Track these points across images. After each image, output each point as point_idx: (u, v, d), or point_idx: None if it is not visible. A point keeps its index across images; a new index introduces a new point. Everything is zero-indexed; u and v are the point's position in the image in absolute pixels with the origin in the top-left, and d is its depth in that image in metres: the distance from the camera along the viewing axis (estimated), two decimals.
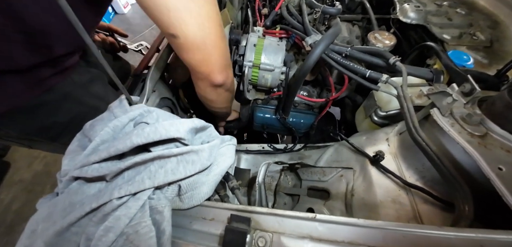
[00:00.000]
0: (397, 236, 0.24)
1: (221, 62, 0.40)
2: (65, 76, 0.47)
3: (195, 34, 0.34)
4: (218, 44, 0.37)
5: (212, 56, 0.38)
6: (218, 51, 0.38)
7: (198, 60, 0.37)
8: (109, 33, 0.70)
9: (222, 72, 0.41)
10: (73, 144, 0.34)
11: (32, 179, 1.32)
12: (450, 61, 0.39)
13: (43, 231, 0.23)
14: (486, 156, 0.29)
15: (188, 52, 0.37)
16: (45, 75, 0.43)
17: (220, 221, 0.28)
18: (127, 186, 0.24)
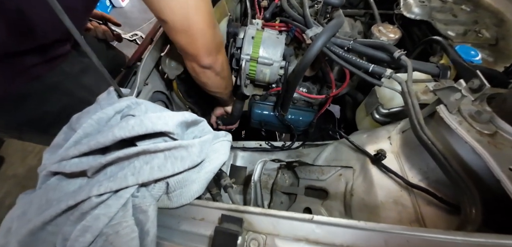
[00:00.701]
0: (400, 241, 0.22)
1: (208, 46, 0.43)
2: (54, 66, 0.45)
3: (181, 20, 0.37)
4: (204, 30, 0.40)
5: (198, 40, 0.41)
6: (203, 35, 0.41)
7: (185, 42, 0.41)
8: (102, 22, 0.67)
9: (208, 56, 0.44)
10: (59, 137, 0.32)
11: (26, 173, 1.31)
12: (458, 56, 0.37)
13: (17, 229, 0.22)
14: (496, 156, 0.27)
15: (176, 34, 0.40)
16: (30, 63, 0.41)
17: (210, 222, 0.26)
18: (107, 183, 0.22)
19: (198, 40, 0.41)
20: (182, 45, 0.42)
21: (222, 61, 0.50)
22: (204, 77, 0.49)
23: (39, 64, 0.43)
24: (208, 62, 0.45)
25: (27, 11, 0.35)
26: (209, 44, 0.43)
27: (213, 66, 0.47)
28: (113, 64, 0.69)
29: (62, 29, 0.43)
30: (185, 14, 0.37)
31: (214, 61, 0.46)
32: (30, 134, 0.50)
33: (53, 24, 0.39)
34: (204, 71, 0.47)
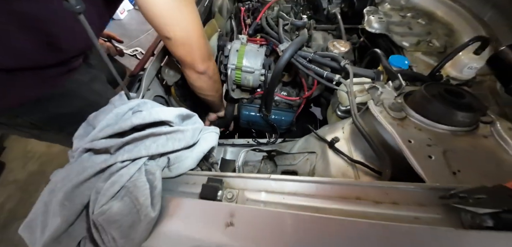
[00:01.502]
0: (325, 187, 0.32)
1: (202, 54, 0.54)
2: (71, 75, 0.56)
3: (181, 35, 0.48)
4: (199, 41, 0.52)
5: (194, 50, 0.52)
6: (198, 46, 0.52)
7: (184, 53, 0.52)
8: (107, 39, 0.79)
9: (203, 62, 0.55)
10: (79, 131, 0.42)
11: (27, 179, 1.36)
12: (388, 64, 0.49)
13: (62, 186, 0.31)
14: (401, 133, 0.38)
15: (177, 48, 0.50)
16: (54, 74, 0.51)
17: (200, 184, 0.36)
18: (128, 154, 0.32)
19: (195, 50, 0.52)
20: (182, 56, 0.52)
21: (214, 67, 0.61)
22: (199, 81, 0.60)
23: (61, 74, 0.53)
24: (203, 68, 0.56)
25: (57, 34, 0.46)
26: (203, 53, 0.54)
27: (207, 71, 0.57)
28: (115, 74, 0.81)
29: (80, 48, 0.54)
30: (185, 31, 0.48)
31: (208, 67, 0.57)
32: (49, 133, 0.59)
33: (75, 45, 0.50)
34: (199, 76, 0.58)
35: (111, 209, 0.29)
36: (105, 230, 0.30)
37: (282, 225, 0.28)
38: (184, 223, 0.31)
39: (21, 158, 1.44)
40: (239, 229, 0.29)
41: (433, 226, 0.27)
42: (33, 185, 1.34)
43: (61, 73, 0.53)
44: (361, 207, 0.30)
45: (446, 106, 0.38)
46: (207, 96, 0.69)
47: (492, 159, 0.35)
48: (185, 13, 0.46)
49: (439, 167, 0.34)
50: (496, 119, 0.40)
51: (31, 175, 1.37)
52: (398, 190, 0.31)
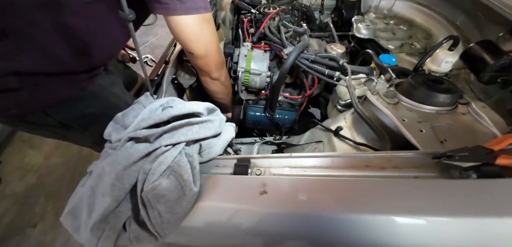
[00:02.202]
0: (339, 160, 0.39)
1: (216, 64, 0.63)
2: (94, 80, 0.60)
3: (203, 51, 0.57)
4: (215, 55, 0.61)
5: (211, 61, 0.61)
6: (214, 58, 0.61)
7: (203, 64, 0.60)
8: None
9: (217, 70, 0.64)
10: (108, 129, 0.46)
11: (25, 191, 1.32)
12: (379, 61, 0.58)
13: (111, 169, 0.35)
14: (396, 114, 0.46)
15: (198, 60, 0.59)
16: (83, 78, 0.56)
17: (229, 166, 0.41)
18: (169, 140, 0.37)
19: (212, 62, 0.60)
20: (201, 66, 0.60)
21: (225, 73, 0.69)
22: (213, 86, 0.68)
23: (88, 79, 0.58)
24: (217, 75, 0.64)
25: (91, 44, 0.51)
26: (218, 63, 0.63)
27: (220, 77, 0.66)
28: (128, 80, 0.87)
29: (109, 56, 0.60)
30: (206, 47, 0.56)
31: (220, 74, 0.66)
32: (74, 132, 0.63)
33: (104, 54, 0.56)
34: (214, 82, 0.66)
35: (160, 185, 0.33)
36: (152, 206, 0.34)
37: (308, 188, 0.33)
38: (222, 197, 0.36)
39: (18, 171, 1.40)
40: (272, 196, 0.34)
41: (430, 179, 0.33)
42: (32, 197, 1.30)
43: (89, 78, 0.57)
44: (370, 172, 0.36)
45: (429, 91, 0.46)
46: (219, 99, 0.76)
47: (470, 130, 0.43)
48: (206, 33, 0.55)
49: (429, 138, 0.41)
50: (471, 100, 0.48)
51: (29, 187, 1.34)
52: (398, 157, 0.37)
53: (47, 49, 0.47)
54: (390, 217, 0.29)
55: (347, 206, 0.30)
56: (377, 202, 0.30)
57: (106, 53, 0.57)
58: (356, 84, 0.57)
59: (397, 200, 0.31)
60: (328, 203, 0.31)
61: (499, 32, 0.62)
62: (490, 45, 0.57)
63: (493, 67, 0.53)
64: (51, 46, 0.47)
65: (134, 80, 0.90)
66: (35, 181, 1.38)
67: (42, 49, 0.48)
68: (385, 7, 1.12)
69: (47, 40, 0.47)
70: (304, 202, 0.32)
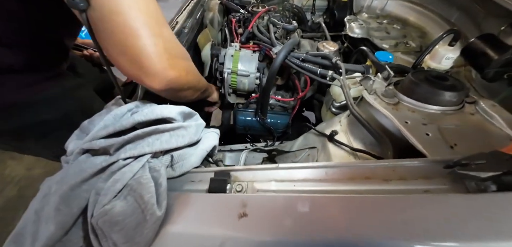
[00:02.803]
0: (335, 171, 0.33)
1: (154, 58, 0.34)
2: (57, 81, 0.53)
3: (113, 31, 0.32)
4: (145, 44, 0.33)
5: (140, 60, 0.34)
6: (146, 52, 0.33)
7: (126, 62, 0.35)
8: (97, 50, 0.78)
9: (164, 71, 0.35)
10: (72, 137, 0.39)
11: (4, 205, 1.23)
12: (375, 58, 0.53)
13: (57, 189, 0.28)
14: (397, 115, 0.40)
15: (115, 57, 0.36)
16: (38, 79, 0.49)
17: (206, 181, 0.35)
18: (131, 151, 0.31)
19: (133, 58, 0.33)
20: (124, 68, 0.34)
21: (178, 75, 0.38)
22: (177, 95, 0.43)
23: (47, 79, 0.51)
24: (157, 86, 0.36)
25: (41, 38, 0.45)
26: (150, 62, 0.34)
27: (168, 87, 0.37)
28: (104, 84, 0.80)
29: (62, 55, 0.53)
30: (114, 28, 0.31)
31: (166, 80, 0.36)
32: (30, 141, 0.55)
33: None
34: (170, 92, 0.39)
35: (113, 209, 0.27)
36: (105, 235, 0.27)
37: (296, 209, 0.27)
38: (193, 220, 0.29)
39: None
40: (253, 219, 0.27)
41: (444, 194, 0.28)
42: (11, 211, 1.21)
43: (46, 78, 0.50)
44: (371, 185, 0.31)
45: (433, 88, 0.41)
46: (193, 98, 0.51)
47: (482, 131, 0.38)
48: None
49: (437, 143, 0.36)
50: (479, 98, 0.43)
51: (8, 201, 1.24)
52: (404, 166, 0.32)
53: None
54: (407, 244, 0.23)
55: (344, 234, 0.24)
56: (382, 227, 0.24)
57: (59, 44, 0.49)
58: (351, 84, 0.52)
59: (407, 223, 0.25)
60: (320, 229, 0.25)
61: (500, 25, 0.58)
62: (492, 39, 0.52)
63: (498, 62, 0.49)
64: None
65: (111, 85, 0.83)
66: (15, 193, 1.29)
67: None
68: (377, 6, 1.09)
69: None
70: (290, 227, 0.25)
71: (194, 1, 0.95)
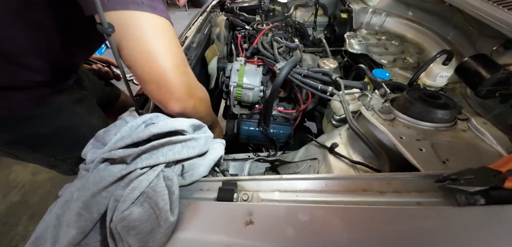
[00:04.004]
0: (334, 182, 0.35)
1: (174, 91, 0.43)
2: (61, 94, 0.55)
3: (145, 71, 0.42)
4: (169, 76, 0.42)
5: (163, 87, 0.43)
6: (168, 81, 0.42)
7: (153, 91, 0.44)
8: (105, 64, 0.83)
9: (179, 101, 0.45)
10: (87, 147, 0.42)
11: (7, 210, 1.25)
12: (372, 76, 0.56)
13: (80, 196, 0.31)
14: (393, 131, 0.43)
15: (144, 85, 0.44)
16: (46, 92, 0.51)
17: (214, 190, 0.37)
18: (147, 161, 0.33)
19: (164, 87, 0.41)
20: (151, 94, 0.42)
21: (196, 101, 0.47)
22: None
23: (53, 93, 0.53)
24: (179, 108, 0.44)
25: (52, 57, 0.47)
26: (176, 89, 0.42)
27: (186, 109, 0.45)
28: (109, 97, 0.84)
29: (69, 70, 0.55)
30: (148, 61, 0.38)
31: (186, 104, 0.45)
32: (25, 153, 0.57)
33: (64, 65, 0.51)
34: (180, 114, 0.45)
35: (131, 215, 0.29)
36: (122, 239, 0.30)
37: (299, 219, 0.30)
38: (203, 227, 0.32)
39: (3, 188, 1.33)
40: (259, 227, 0.30)
41: (435, 207, 0.30)
42: (15, 216, 1.22)
43: (52, 92, 0.52)
44: (368, 197, 0.33)
45: (427, 106, 0.44)
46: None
47: (473, 148, 0.40)
48: (152, 41, 0.39)
49: (430, 158, 0.38)
50: (471, 116, 0.46)
51: (12, 206, 1.26)
52: (399, 179, 0.34)
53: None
54: None
55: (343, 242, 0.26)
56: (378, 237, 0.27)
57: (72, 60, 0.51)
58: (350, 99, 0.55)
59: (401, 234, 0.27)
60: (320, 237, 0.27)
61: (493, 45, 0.62)
62: (484, 59, 0.56)
63: (491, 81, 0.52)
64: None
65: (115, 98, 0.86)
66: (19, 199, 1.31)
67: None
68: (376, 23, 1.14)
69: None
70: (293, 236, 0.28)
71: (202, 17, 1.00)
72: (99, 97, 0.74)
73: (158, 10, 0.39)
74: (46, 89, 0.51)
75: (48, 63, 0.49)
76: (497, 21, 0.55)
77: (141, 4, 0.37)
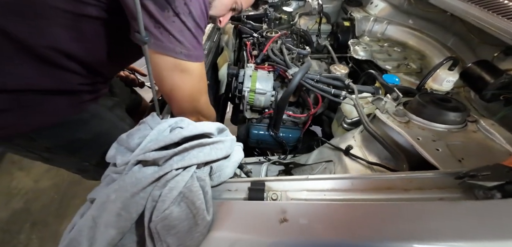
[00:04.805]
0: (359, 182, 0.37)
1: (181, 112, 0.55)
2: (98, 100, 0.58)
3: (166, 93, 0.54)
4: (180, 104, 0.55)
5: (174, 107, 0.56)
6: (178, 107, 0.55)
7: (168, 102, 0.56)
8: (131, 72, 0.84)
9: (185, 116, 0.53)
10: (111, 151, 0.44)
11: (9, 218, 1.22)
12: (384, 81, 0.59)
13: (117, 197, 0.32)
14: (409, 133, 0.45)
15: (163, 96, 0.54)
16: (86, 98, 0.54)
17: (242, 190, 0.38)
18: (180, 163, 0.35)
19: (174, 108, 0.54)
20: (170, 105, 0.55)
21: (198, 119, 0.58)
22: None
23: (91, 100, 0.55)
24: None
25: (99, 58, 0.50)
26: (183, 112, 0.54)
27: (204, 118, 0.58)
28: (133, 104, 0.85)
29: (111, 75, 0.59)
30: (170, 92, 0.50)
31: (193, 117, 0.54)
32: (61, 157, 0.58)
33: (111, 72, 0.55)
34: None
35: (171, 214, 0.30)
36: (161, 239, 0.31)
37: (333, 214, 0.31)
38: (238, 225, 0.33)
39: (5, 195, 1.30)
40: (294, 224, 0.31)
41: (457, 201, 0.32)
42: (17, 224, 1.19)
43: (93, 98, 0.55)
44: (393, 194, 0.35)
45: (439, 109, 0.47)
46: None
47: (484, 147, 0.42)
48: (176, 81, 0.50)
49: (447, 157, 0.40)
50: (479, 117, 0.49)
51: (14, 213, 1.23)
52: (420, 178, 0.36)
53: (42, 58, 0.44)
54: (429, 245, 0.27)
55: (382, 234, 0.28)
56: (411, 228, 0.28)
57: (113, 69, 0.55)
58: (364, 103, 0.57)
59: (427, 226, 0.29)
60: (360, 231, 0.29)
61: (493, 52, 0.65)
62: (487, 65, 0.59)
63: (494, 85, 0.55)
64: (47, 54, 0.44)
65: (138, 104, 0.89)
66: (21, 206, 1.29)
67: (31, 60, 0.43)
68: (378, 31, 1.18)
69: (41, 46, 0.43)
70: (330, 230, 0.29)
71: (211, 25, 1.03)
72: (127, 104, 0.76)
73: (191, 57, 0.48)
74: (86, 95, 0.53)
75: (91, 70, 0.52)
76: (497, 29, 0.59)
77: (178, 54, 0.46)
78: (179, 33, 0.45)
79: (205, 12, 0.48)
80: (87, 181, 0.80)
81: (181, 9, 0.43)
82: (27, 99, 0.46)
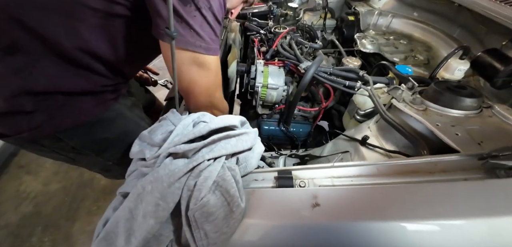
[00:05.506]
0: (385, 167, 0.38)
1: (197, 108, 0.56)
2: (118, 100, 0.59)
3: (184, 88, 0.53)
4: (197, 98, 0.55)
5: (190, 102, 0.56)
6: (195, 101, 0.55)
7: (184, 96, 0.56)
8: (144, 71, 0.85)
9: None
10: (134, 147, 0.44)
11: (19, 221, 1.22)
12: (398, 71, 0.60)
13: (154, 188, 0.33)
14: (428, 119, 0.46)
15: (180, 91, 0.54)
16: (109, 98, 0.54)
17: (269, 180, 0.39)
18: (211, 154, 0.36)
19: (191, 103, 0.55)
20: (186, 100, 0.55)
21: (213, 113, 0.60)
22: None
23: (113, 99, 0.56)
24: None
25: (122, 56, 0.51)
26: (199, 107, 0.55)
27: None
28: (147, 102, 0.86)
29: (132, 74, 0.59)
30: (187, 86, 0.51)
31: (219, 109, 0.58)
32: (86, 157, 0.59)
33: (133, 71, 0.55)
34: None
35: (209, 202, 0.31)
36: (198, 226, 0.31)
37: (364, 196, 0.32)
38: (271, 212, 0.34)
39: (14, 199, 1.30)
40: (326, 208, 0.32)
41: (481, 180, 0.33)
42: (27, 228, 1.19)
43: (114, 97, 0.56)
44: (419, 177, 0.36)
45: (456, 95, 0.48)
46: None
47: (502, 131, 0.44)
48: (194, 75, 0.50)
49: (466, 141, 0.41)
50: (493, 103, 0.50)
51: (24, 217, 1.23)
52: (444, 161, 0.37)
53: (70, 59, 0.45)
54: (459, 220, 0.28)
55: (414, 213, 0.29)
56: (441, 206, 0.29)
57: (133, 68, 0.56)
58: (380, 94, 0.58)
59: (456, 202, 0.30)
60: (391, 212, 0.30)
61: (501, 41, 0.66)
62: (497, 53, 0.60)
63: (505, 72, 0.56)
64: (73, 56, 0.45)
65: (152, 103, 0.90)
66: (31, 209, 1.29)
67: (60, 62, 0.44)
68: (383, 24, 1.19)
69: (68, 49, 0.44)
70: (362, 212, 0.30)
71: None
72: (142, 103, 0.77)
73: (210, 51, 0.49)
74: (109, 95, 0.54)
75: (114, 70, 0.52)
76: (505, 18, 0.60)
77: (198, 47, 0.47)
78: (200, 27, 0.46)
79: (223, 6, 0.49)
80: (95, 183, 0.79)
81: (202, 3, 0.44)
82: (56, 101, 0.47)
